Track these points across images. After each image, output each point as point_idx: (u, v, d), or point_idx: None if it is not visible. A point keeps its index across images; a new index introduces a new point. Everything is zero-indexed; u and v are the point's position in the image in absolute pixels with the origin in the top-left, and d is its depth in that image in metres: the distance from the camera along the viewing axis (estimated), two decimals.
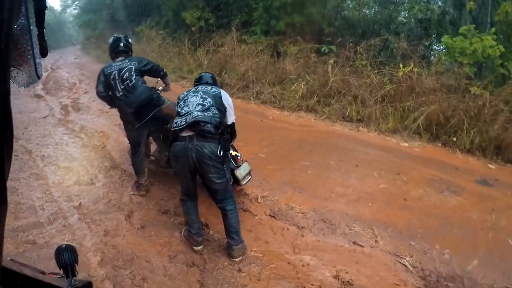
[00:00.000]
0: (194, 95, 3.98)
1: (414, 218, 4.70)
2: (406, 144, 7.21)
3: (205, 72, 4.77)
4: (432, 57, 10.39)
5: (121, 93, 4.80)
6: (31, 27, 0.57)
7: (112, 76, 4.80)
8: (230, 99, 4.20)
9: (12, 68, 0.59)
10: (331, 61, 9.62)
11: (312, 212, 4.71)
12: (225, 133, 4.05)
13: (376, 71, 9.23)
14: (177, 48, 15.55)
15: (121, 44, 5.03)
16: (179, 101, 4.04)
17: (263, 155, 6.51)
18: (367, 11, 13.67)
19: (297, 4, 12.54)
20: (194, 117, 3.71)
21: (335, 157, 6.33)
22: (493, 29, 8.38)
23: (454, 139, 7.11)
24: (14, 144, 5.37)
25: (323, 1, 13.14)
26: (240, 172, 4.61)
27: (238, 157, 4.74)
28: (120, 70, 4.80)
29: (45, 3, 0.63)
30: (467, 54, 8.14)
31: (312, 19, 12.37)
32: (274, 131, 7.66)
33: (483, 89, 7.64)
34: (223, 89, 4.39)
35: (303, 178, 5.62)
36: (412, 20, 12.73)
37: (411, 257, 4.04)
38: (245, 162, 4.76)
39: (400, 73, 8.49)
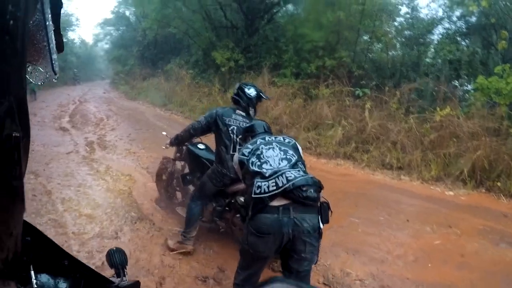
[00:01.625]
0: (269, 148, 3.07)
1: (476, 278, 4.29)
2: (452, 193, 6.87)
3: (257, 120, 3.91)
4: (466, 99, 10.07)
5: (236, 149, 4.17)
6: (47, 23, 0.56)
7: (230, 129, 4.21)
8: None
9: (28, 64, 0.58)
10: (368, 105, 9.32)
11: (370, 278, 4.26)
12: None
13: (413, 115, 8.93)
14: (206, 88, 15.42)
15: (244, 98, 4.37)
16: (248, 158, 3.05)
17: None
18: (394, 53, 13.53)
19: (327, 47, 12.44)
20: (291, 179, 2.73)
21: (383, 211, 5.91)
22: None
23: (499, 184, 6.82)
24: (34, 181, 5.92)
25: (353, 43, 13.03)
26: None
27: None
28: (240, 129, 4.14)
29: None
30: (503, 94, 7.88)
31: (342, 62, 12.17)
32: None
33: None
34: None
35: (355, 237, 5.13)
36: (439, 61, 12.57)
37: None
38: None
39: (438, 117, 8.24)
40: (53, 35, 0.59)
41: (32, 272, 0.88)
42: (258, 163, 2.96)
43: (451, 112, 8.23)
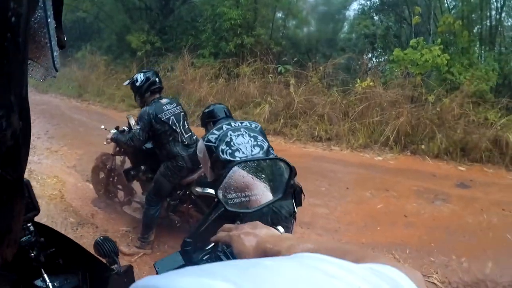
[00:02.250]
0: (238, 135, 2.96)
1: (422, 234, 4.66)
2: (380, 158, 7.29)
3: (216, 104, 3.73)
4: (383, 71, 10.46)
5: (185, 143, 4.02)
6: (49, 20, 0.55)
7: (170, 122, 3.97)
8: None
9: (29, 61, 0.55)
10: (292, 81, 9.34)
11: None
12: None
13: (337, 88, 9.14)
14: (124, 75, 14.43)
15: (157, 80, 4.17)
16: (216, 144, 2.91)
17: None
18: (311, 29, 13.79)
19: (245, 25, 12.34)
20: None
21: (323, 182, 6.05)
22: (439, 40, 8.66)
23: (423, 147, 7.30)
24: None
25: (270, 21, 13.07)
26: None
27: None
28: (176, 116, 4.02)
29: None
30: (418, 64, 8.34)
31: (260, 39, 12.13)
32: None
33: (439, 96, 7.98)
34: None
35: (304, 211, 4.97)
36: (354, 35, 12.98)
37: (436, 273, 3.91)
38: None
39: (359, 89, 8.50)
40: (54, 32, 0.57)
41: (46, 276, 0.94)
42: (229, 151, 2.85)
43: (372, 83, 8.55)
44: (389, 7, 12.59)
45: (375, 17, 12.87)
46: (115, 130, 4.31)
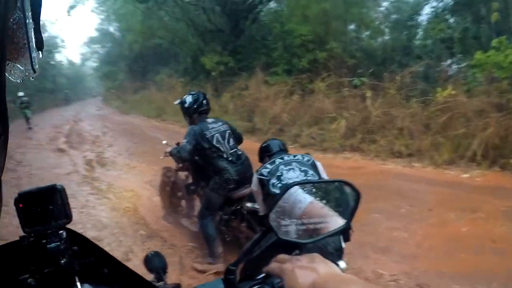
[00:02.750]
0: (289, 169, 2.95)
1: None
2: (467, 175, 6.56)
3: (273, 139, 3.72)
4: (465, 77, 9.70)
5: (229, 159, 4.12)
6: (27, 21, 0.53)
7: (214, 139, 4.11)
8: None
9: (7, 62, 0.53)
10: (369, 93, 8.90)
11: (405, 277, 3.90)
12: None
13: (416, 99, 8.58)
14: None
15: (205, 102, 4.37)
16: (268, 178, 2.94)
17: None
18: (384, 38, 13.26)
19: (316, 39, 12.11)
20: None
21: (403, 202, 5.55)
22: None
23: None
24: None
25: (341, 33, 12.74)
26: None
27: None
28: (221, 133, 4.17)
29: None
30: (503, 67, 7.56)
31: (334, 53, 11.82)
32: None
33: None
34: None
35: (381, 235, 4.75)
36: (429, 41, 12.26)
37: None
38: None
39: (440, 98, 7.93)
40: (33, 33, 0.55)
41: (78, 284, 0.95)
42: (279, 184, 2.85)
43: (453, 92, 7.90)
44: (464, 6, 11.79)
45: (450, 19, 12.10)
46: (176, 146, 4.45)
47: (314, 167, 3.00)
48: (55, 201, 0.98)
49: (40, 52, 0.60)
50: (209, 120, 4.25)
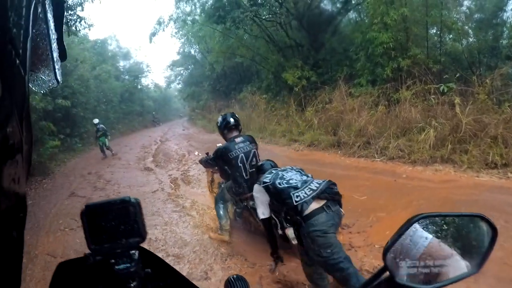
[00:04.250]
0: (287, 171, 3.66)
1: None
2: None
3: (266, 160, 4.52)
4: None
5: (247, 177, 4.94)
6: (50, 32, 0.56)
7: (239, 159, 4.94)
8: None
9: (31, 73, 0.57)
10: (457, 100, 8.54)
11: None
12: None
13: (509, 103, 8.10)
14: (283, 111, 15.37)
15: (232, 120, 5.15)
16: (272, 182, 3.51)
17: None
18: (469, 40, 12.70)
19: (398, 47, 11.92)
20: (320, 183, 3.31)
21: (499, 218, 5.10)
22: None
23: None
24: None
25: (423, 38, 12.40)
26: (291, 232, 3.85)
27: None
28: (246, 154, 4.94)
29: (64, 7, 0.63)
30: None
31: (417, 59, 11.56)
32: (415, 192, 6.49)
33: None
34: None
35: None
36: None
37: None
38: None
39: None
40: (55, 44, 0.60)
41: None
42: (284, 181, 3.45)
43: None
44: None
45: None
46: (205, 155, 5.80)
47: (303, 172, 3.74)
48: (128, 216, 0.89)
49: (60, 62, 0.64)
50: (238, 139, 4.97)
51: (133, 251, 0.89)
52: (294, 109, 14.51)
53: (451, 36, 12.81)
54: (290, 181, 3.41)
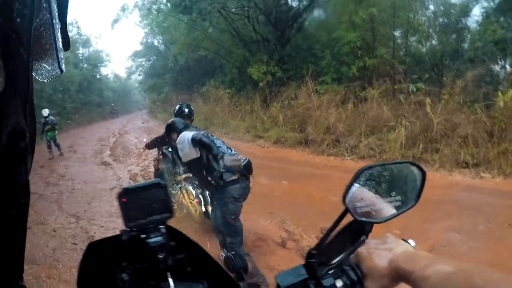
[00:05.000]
0: (216, 138, 4.21)
1: None
2: None
3: (175, 118, 4.82)
4: None
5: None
6: (54, 21, 0.56)
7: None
8: None
9: (34, 62, 0.57)
10: (428, 100, 8.45)
11: None
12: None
13: (478, 104, 8.14)
14: (248, 106, 14.96)
15: (186, 110, 5.61)
16: (212, 140, 4.04)
17: (398, 230, 5.20)
18: (432, 43, 12.80)
19: (364, 46, 11.82)
20: (244, 159, 3.91)
21: (479, 218, 5.10)
22: None
23: None
24: (74, 226, 6.30)
25: (389, 39, 12.38)
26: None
27: None
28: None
29: None
30: None
31: (383, 59, 11.50)
32: None
33: None
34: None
35: (464, 257, 4.30)
36: (479, 43, 11.65)
37: None
38: None
39: (501, 103, 7.53)
40: (59, 33, 0.59)
41: (171, 280, 0.96)
42: (218, 145, 4.02)
43: None
44: None
45: (500, 20, 11.49)
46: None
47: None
48: (157, 197, 1.00)
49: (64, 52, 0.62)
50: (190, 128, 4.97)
51: (162, 226, 0.98)
52: (259, 104, 14.13)
53: (415, 38, 12.86)
54: (220, 148, 3.97)
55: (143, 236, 0.96)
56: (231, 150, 4.11)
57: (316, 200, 6.14)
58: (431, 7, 13.85)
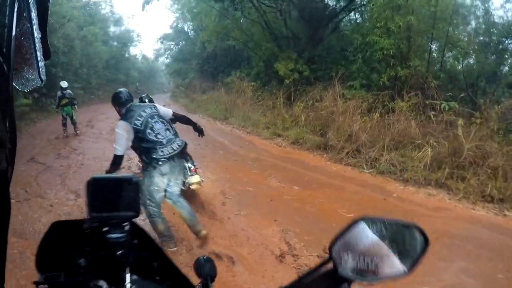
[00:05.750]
0: (156, 121, 4.35)
1: None
2: None
3: (121, 89, 4.81)
4: None
5: None
6: (34, 31, 0.56)
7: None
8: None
9: (14, 71, 0.56)
10: (460, 121, 7.78)
11: None
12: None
13: None
14: (270, 102, 14.52)
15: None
16: (143, 128, 4.24)
17: None
18: (469, 61, 12.15)
19: (398, 55, 11.25)
20: (180, 144, 4.41)
21: (500, 263, 4.46)
22: None
23: None
24: (72, 203, 6.16)
25: (425, 51, 11.79)
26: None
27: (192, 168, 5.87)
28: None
29: (48, 7, 0.62)
30: None
31: (416, 72, 10.91)
32: (407, 217, 5.46)
33: None
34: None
35: None
36: None
37: None
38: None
39: None
40: (39, 43, 0.58)
41: (128, 275, 0.97)
42: (154, 133, 4.28)
43: None
44: None
45: None
46: None
47: (164, 116, 4.52)
48: (127, 192, 0.98)
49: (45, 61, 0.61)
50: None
51: (126, 224, 0.99)
52: (282, 101, 13.67)
53: (452, 53, 12.24)
54: (158, 136, 4.28)
55: (104, 229, 0.96)
56: (170, 131, 4.43)
57: (326, 213, 5.72)
58: (473, 23, 13.31)
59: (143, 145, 4.28)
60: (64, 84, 13.05)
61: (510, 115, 8.20)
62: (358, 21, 15.30)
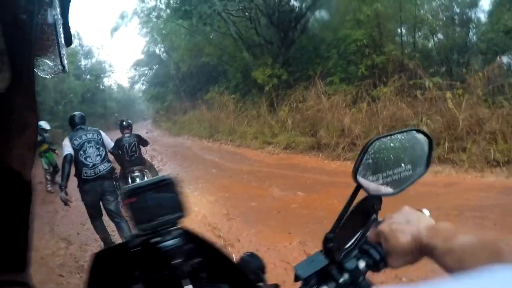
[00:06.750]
0: (90, 146, 4.99)
1: None
2: None
3: (75, 113, 5.58)
4: None
5: None
6: (56, 17, 0.54)
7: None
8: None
9: (37, 58, 0.54)
10: (449, 94, 7.79)
11: None
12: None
13: (503, 96, 7.52)
14: (254, 111, 14.38)
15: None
16: (78, 148, 4.91)
17: None
18: (439, 37, 12.24)
19: (371, 43, 11.29)
20: (102, 170, 5.00)
21: None
22: None
23: None
24: (63, 252, 5.70)
25: (395, 35, 11.89)
26: None
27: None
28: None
29: None
30: None
31: (392, 56, 10.90)
32: (421, 201, 5.27)
33: None
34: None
35: None
36: (492, 35, 11.04)
37: None
38: None
39: None
40: (61, 29, 0.55)
41: (190, 287, 0.90)
42: (84, 156, 4.90)
43: None
44: None
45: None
46: None
47: (102, 144, 5.18)
48: (167, 194, 0.94)
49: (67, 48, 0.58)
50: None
51: (175, 228, 0.93)
52: (266, 109, 13.55)
53: (421, 33, 12.33)
54: (87, 159, 4.90)
55: (155, 240, 0.91)
56: (100, 157, 5.05)
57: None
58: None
59: (76, 163, 4.89)
60: (46, 125, 10.60)
61: (491, 80, 8.19)
62: (326, 19, 15.27)
